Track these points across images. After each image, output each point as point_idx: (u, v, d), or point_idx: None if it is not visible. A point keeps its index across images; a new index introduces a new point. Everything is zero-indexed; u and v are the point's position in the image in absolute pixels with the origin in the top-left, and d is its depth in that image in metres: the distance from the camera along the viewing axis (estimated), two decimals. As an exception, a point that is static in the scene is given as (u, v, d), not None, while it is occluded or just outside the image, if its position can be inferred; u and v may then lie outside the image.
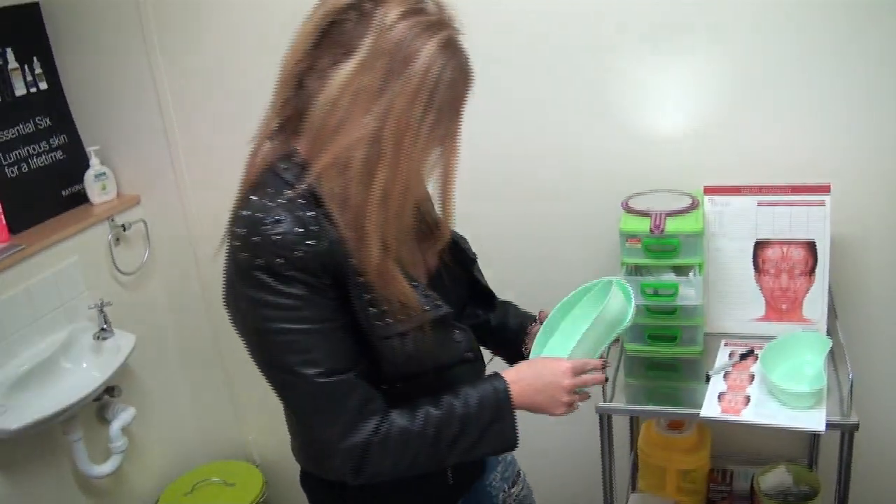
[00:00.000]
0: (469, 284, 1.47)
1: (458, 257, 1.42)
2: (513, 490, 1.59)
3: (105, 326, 2.34)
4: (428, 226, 1.34)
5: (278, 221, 1.09)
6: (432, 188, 1.24)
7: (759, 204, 1.82)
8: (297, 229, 1.10)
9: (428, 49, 1.08)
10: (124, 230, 2.52)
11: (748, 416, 1.58)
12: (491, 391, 1.26)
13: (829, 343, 1.70)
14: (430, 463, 1.23)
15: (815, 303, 1.83)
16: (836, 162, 1.92)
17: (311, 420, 1.18)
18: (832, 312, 1.86)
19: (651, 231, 1.76)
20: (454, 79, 1.12)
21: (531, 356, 1.43)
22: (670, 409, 1.71)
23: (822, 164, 1.93)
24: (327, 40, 1.12)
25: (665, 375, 1.80)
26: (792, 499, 2.00)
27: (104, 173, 2.50)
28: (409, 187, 1.13)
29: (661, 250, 1.78)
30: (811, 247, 1.81)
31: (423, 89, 1.08)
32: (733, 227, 1.84)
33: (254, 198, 1.13)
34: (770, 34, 1.87)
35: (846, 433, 1.58)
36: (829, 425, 1.53)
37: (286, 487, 2.91)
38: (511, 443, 1.28)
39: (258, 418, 2.85)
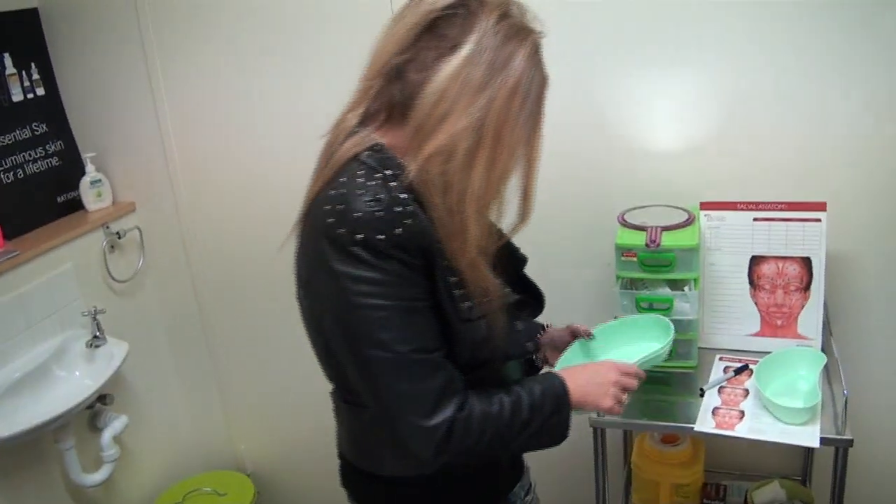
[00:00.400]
0: (513, 284, 1.49)
1: (510, 257, 1.47)
2: (527, 498, 1.59)
3: (98, 334, 2.33)
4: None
5: (378, 199, 1.12)
6: (515, 181, 1.29)
7: (755, 220, 1.83)
8: (396, 208, 1.12)
9: (524, 49, 1.17)
10: (119, 237, 2.51)
11: (742, 431, 1.58)
12: (551, 384, 1.31)
13: (823, 359, 1.70)
14: (501, 448, 1.27)
15: (810, 319, 1.83)
16: (832, 179, 1.93)
17: (397, 400, 1.17)
18: (827, 329, 1.86)
19: (647, 245, 1.77)
20: (542, 78, 1.23)
21: (558, 366, 1.48)
22: (664, 424, 1.71)
23: (818, 182, 1.94)
24: (432, 35, 1.17)
25: (659, 389, 1.79)
26: (785, 514, 2.00)
27: (100, 180, 2.50)
28: (503, 177, 1.22)
29: (656, 264, 1.78)
30: (807, 263, 1.81)
31: (521, 85, 1.17)
32: (729, 242, 1.85)
33: (343, 180, 1.16)
34: (768, 51, 1.89)
35: (840, 449, 1.58)
36: (823, 441, 1.53)
37: (277, 497, 2.90)
38: (563, 436, 1.32)
39: (250, 428, 2.85)
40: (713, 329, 1.89)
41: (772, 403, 1.59)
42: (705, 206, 1.85)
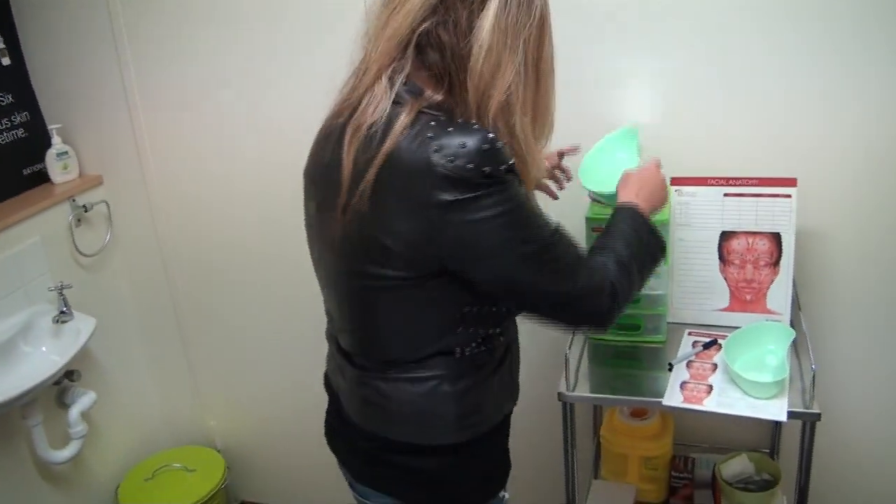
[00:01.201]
0: None
1: None
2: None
3: (65, 309, 2.30)
4: None
5: (492, 138, 1.17)
6: None
7: (726, 195, 1.83)
8: (498, 140, 1.18)
9: None
10: (86, 211, 2.48)
11: (710, 405, 1.59)
12: (629, 214, 1.47)
13: (792, 334, 1.71)
14: (640, 278, 1.41)
15: (780, 294, 1.84)
16: (803, 155, 1.94)
17: (577, 274, 1.29)
18: (796, 304, 1.87)
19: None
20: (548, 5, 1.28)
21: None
22: (633, 398, 1.72)
23: (789, 158, 1.95)
24: None
25: (628, 364, 1.80)
26: (753, 487, 2.02)
27: (66, 152, 2.46)
28: (547, 101, 1.30)
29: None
30: (776, 239, 1.82)
31: (545, 17, 1.25)
32: (699, 217, 1.85)
33: (432, 127, 1.17)
34: (740, 28, 1.89)
35: (807, 423, 1.60)
36: (790, 415, 1.54)
37: (248, 472, 2.90)
38: (663, 246, 1.49)
39: (220, 404, 2.83)
40: (682, 304, 1.89)
41: (740, 377, 1.60)
42: (676, 181, 1.84)
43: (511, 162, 1.18)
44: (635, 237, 1.41)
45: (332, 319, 1.46)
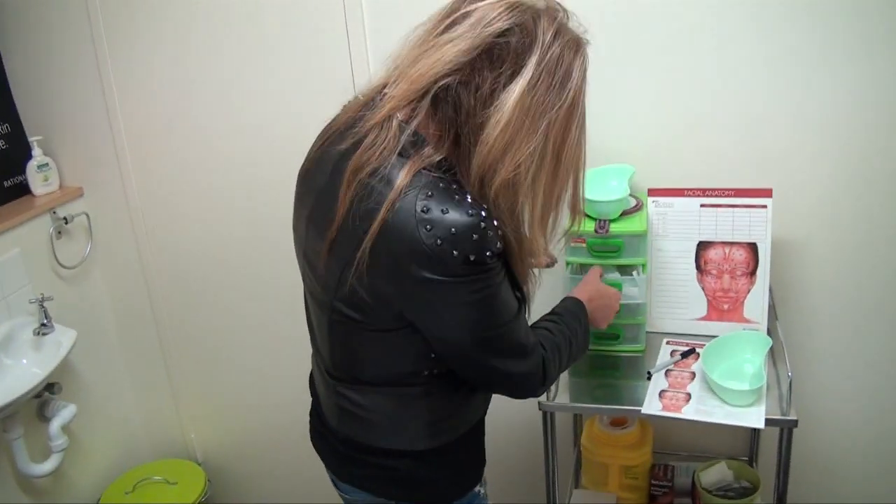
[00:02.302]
0: None
1: None
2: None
3: (45, 321, 2.29)
4: None
5: (486, 217, 1.16)
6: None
7: (702, 206, 1.85)
8: (494, 223, 1.18)
9: (577, 65, 1.20)
10: (66, 223, 2.47)
11: (688, 413, 1.61)
12: (574, 303, 1.55)
13: (769, 342, 1.73)
14: (568, 362, 1.48)
15: (756, 303, 1.86)
16: (778, 166, 1.97)
17: (522, 357, 1.33)
18: (773, 313, 1.90)
19: (595, 231, 1.79)
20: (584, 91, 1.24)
21: None
22: (612, 407, 1.74)
23: (764, 169, 1.97)
24: (488, 57, 1.15)
25: (608, 373, 1.82)
26: (732, 494, 2.04)
27: (47, 164, 2.45)
28: (563, 191, 1.27)
29: (605, 250, 1.80)
30: (753, 249, 1.84)
31: (577, 102, 1.20)
32: (677, 228, 1.87)
33: (429, 195, 1.15)
34: (715, 42, 1.91)
35: (785, 430, 1.62)
36: (768, 422, 1.56)
37: (229, 485, 2.89)
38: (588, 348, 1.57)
39: (201, 416, 2.83)
40: (661, 313, 1.91)
41: (717, 385, 1.62)
42: (653, 192, 1.87)
43: (498, 247, 1.17)
44: (573, 336, 1.47)
45: (312, 331, 1.47)
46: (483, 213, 1.15)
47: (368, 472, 1.44)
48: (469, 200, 1.15)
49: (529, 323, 1.40)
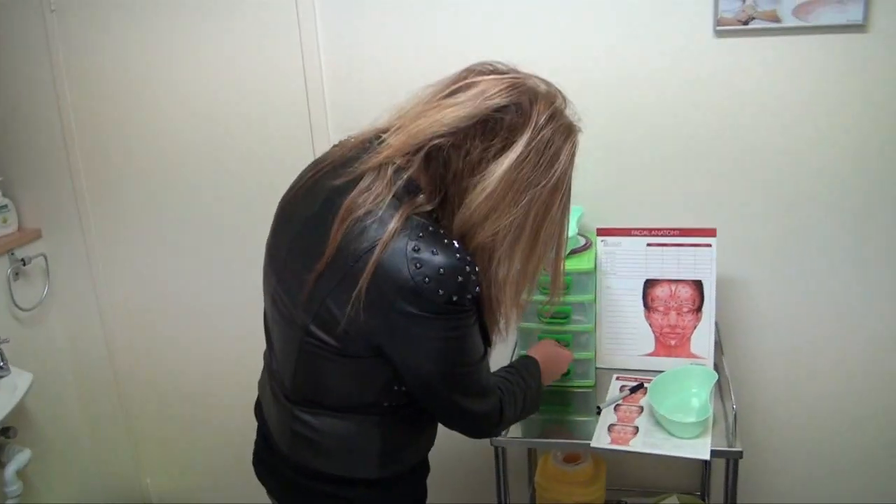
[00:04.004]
0: None
1: None
2: None
3: (2, 364, 2.27)
4: None
5: (470, 263, 1.22)
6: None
7: (649, 245, 1.91)
8: (475, 269, 1.23)
9: (566, 150, 1.27)
10: (24, 264, 2.47)
11: (636, 446, 1.64)
12: (533, 364, 1.62)
13: (714, 376, 1.78)
14: (527, 407, 1.55)
15: (703, 339, 1.91)
16: (722, 207, 2.04)
17: (481, 398, 1.38)
18: (719, 348, 1.95)
19: (545, 269, 1.83)
20: (572, 176, 1.32)
21: None
22: (562, 441, 1.77)
23: (709, 209, 2.05)
24: (483, 127, 1.22)
25: (559, 409, 1.85)
26: (683, 528, 2.07)
27: (6, 205, 2.46)
28: (539, 265, 1.33)
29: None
30: (698, 286, 1.90)
31: (562, 184, 1.27)
32: (624, 266, 1.92)
33: (420, 237, 1.21)
34: (658, 88, 1.99)
35: (731, 461, 1.66)
36: (714, 453, 1.60)
37: (185, 529, 2.86)
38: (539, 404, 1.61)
39: (156, 461, 2.81)
40: (610, 350, 1.96)
41: (664, 419, 1.66)
42: (602, 232, 1.92)
43: (477, 292, 1.23)
44: (527, 389, 1.53)
45: (273, 352, 1.47)
46: (468, 259, 1.21)
47: (317, 501, 1.45)
48: (456, 245, 1.22)
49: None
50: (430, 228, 1.22)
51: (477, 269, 1.23)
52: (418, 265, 1.18)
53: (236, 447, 1.71)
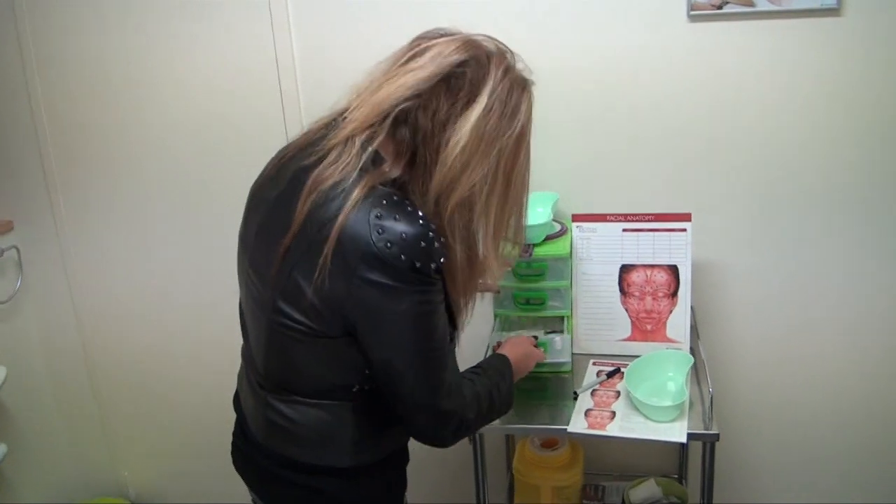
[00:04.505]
0: None
1: None
2: None
3: (-27, 358, 2.26)
4: None
5: (434, 231, 1.23)
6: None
7: (624, 231, 1.91)
8: (440, 238, 1.25)
9: (525, 100, 1.31)
10: (-4, 257, 2.45)
11: (613, 430, 1.65)
12: (501, 360, 1.59)
13: (690, 360, 1.79)
14: (497, 408, 1.49)
15: (679, 323, 1.93)
16: (696, 192, 2.05)
17: (446, 391, 1.33)
18: (695, 332, 1.96)
19: (521, 255, 1.83)
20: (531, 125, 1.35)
21: None
22: (538, 427, 1.77)
23: (683, 194, 2.05)
24: (446, 84, 1.25)
25: (536, 395, 1.85)
26: (660, 510, 2.09)
27: (-25, 198, 2.43)
28: (512, 215, 1.36)
29: (530, 273, 1.85)
30: (674, 271, 1.91)
31: (525, 132, 1.32)
32: (600, 252, 1.93)
33: (384, 205, 1.22)
34: (633, 73, 1.99)
35: (708, 444, 1.67)
36: (690, 436, 1.61)
37: (163, 522, 2.86)
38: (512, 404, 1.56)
39: (133, 454, 2.79)
40: (586, 335, 1.96)
41: (641, 403, 1.67)
42: (577, 217, 1.93)
43: (441, 262, 1.25)
44: (496, 390, 1.49)
45: (248, 340, 1.47)
46: (432, 227, 1.23)
47: (292, 491, 1.45)
48: (420, 214, 1.23)
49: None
50: (395, 198, 1.23)
51: (441, 238, 1.24)
52: (380, 231, 1.20)
53: (214, 438, 1.71)
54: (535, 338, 1.85)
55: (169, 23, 2.21)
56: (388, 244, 1.19)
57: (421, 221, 1.22)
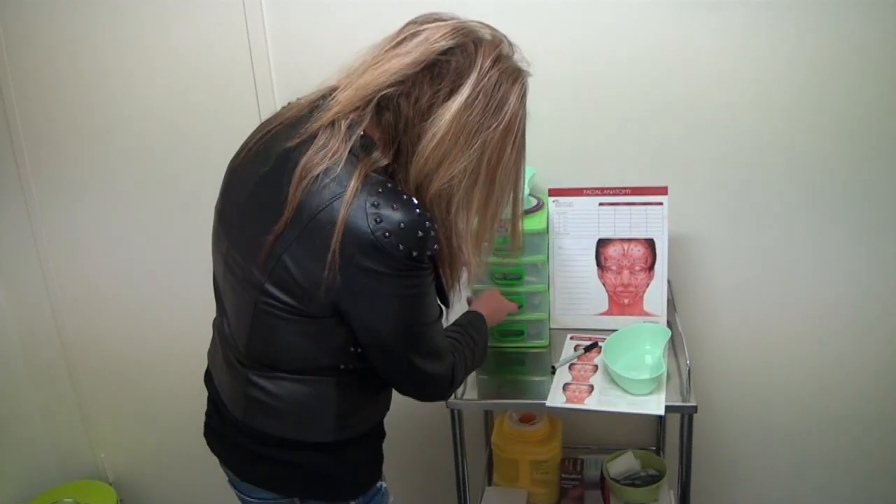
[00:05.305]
0: None
1: None
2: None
3: (-56, 343, 2.22)
4: None
5: (430, 219, 1.23)
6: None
7: (601, 205, 1.91)
8: (435, 227, 1.25)
9: (515, 92, 1.27)
10: (-35, 241, 2.41)
11: (591, 404, 1.65)
12: (476, 317, 1.65)
13: (668, 333, 1.79)
14: (470, 367, 1.55)
15: (656, 297, 1.93)
16: (673, 165, 2.05)
17: (437, 358, 1.39)
18: (671, 305, 1.97)
19: (497, 230, 1.82)
20: (525, 115, 1.33)
21: None
22: (517, 402, 1.78)
23: (660, 167, 2.06)
24: (430, 72, 1.24)
25: (514, 370, 1.86)
26: (639, 482, 2.09)
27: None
28: (497, 213, 1.35)
29: (506, 248, 1.84)
30: (650, 244, 1.91)
31: (513, 125, 1.28)
32: (576, 226, 1.92)
33: (379, 193, 1.21)
34: (609, 45, 1.98)
35: (685, 416, 1.68)
36: (668, 409, 1.62)
37: (141, 504, 2.85)
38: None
39: (110, 436, 2.77)
40: (564, 310, 1.96)
41: (618, 376, 1.67)
42: (553, 192, 1.92)
43: (435, 249, 1.25)
44: (475, 346, 1.56)
45: (225, 317, 1.45)
46: (428, 215, 1.23)
47: (272, 467, 1.44)
48: (415, 201, 1.23)
49: None
50: (389, 185, 1.23)
51: (436, 226, 1.24)
52: (378, 220, 1.19)
53: (191, 419, 1.69)
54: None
55: (140, 4, 2.17)
56: (387, 234, 1.19)
57: (417, 210, 1.22)
